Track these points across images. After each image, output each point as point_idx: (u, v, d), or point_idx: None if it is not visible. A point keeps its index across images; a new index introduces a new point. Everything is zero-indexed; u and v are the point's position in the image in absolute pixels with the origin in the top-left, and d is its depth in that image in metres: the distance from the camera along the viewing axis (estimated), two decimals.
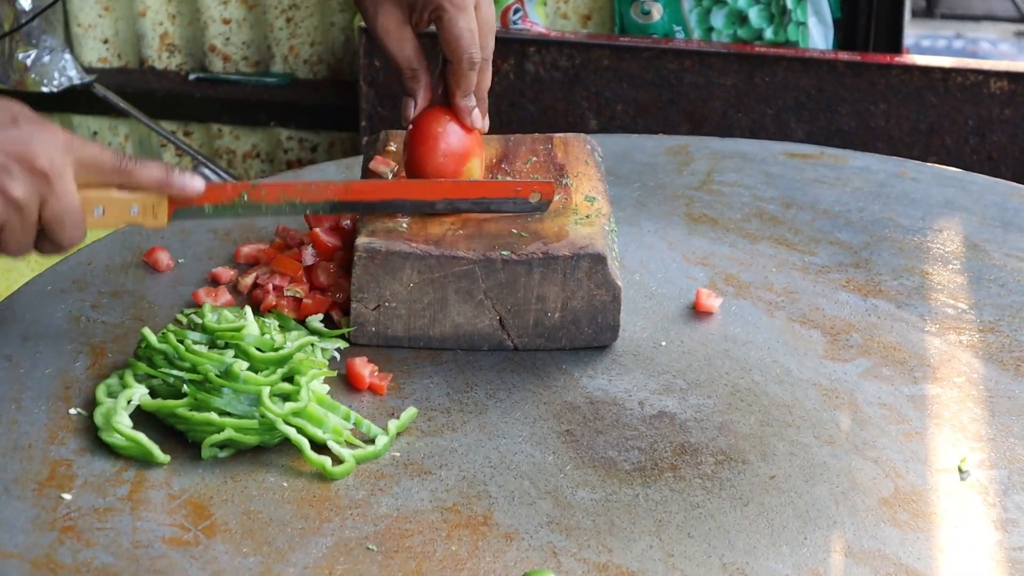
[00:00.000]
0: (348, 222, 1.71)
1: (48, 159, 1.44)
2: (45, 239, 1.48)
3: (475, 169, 1.66)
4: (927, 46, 4.38)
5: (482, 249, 1.57)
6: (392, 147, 1.76)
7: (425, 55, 1.69)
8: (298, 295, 1.64)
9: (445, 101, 1.68)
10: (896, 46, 3.08)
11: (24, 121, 1.45)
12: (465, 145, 1.66)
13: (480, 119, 1.68)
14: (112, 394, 1.48)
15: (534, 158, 1.75)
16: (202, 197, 1.58)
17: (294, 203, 1.62)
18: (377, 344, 1.60)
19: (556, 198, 1.66)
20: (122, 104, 3.51)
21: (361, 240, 1.58)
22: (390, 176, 1.70)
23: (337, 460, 1.41)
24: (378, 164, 1.72)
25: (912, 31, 4.29)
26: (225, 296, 1.68)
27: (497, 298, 1.58)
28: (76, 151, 1.48)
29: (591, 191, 1.69)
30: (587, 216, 1.63)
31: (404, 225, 1.60)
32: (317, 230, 1.70)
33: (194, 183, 1.57)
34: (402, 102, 1.69)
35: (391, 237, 1.58)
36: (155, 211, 1.56)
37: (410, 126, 1.67)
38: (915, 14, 4.51)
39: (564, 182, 1.70)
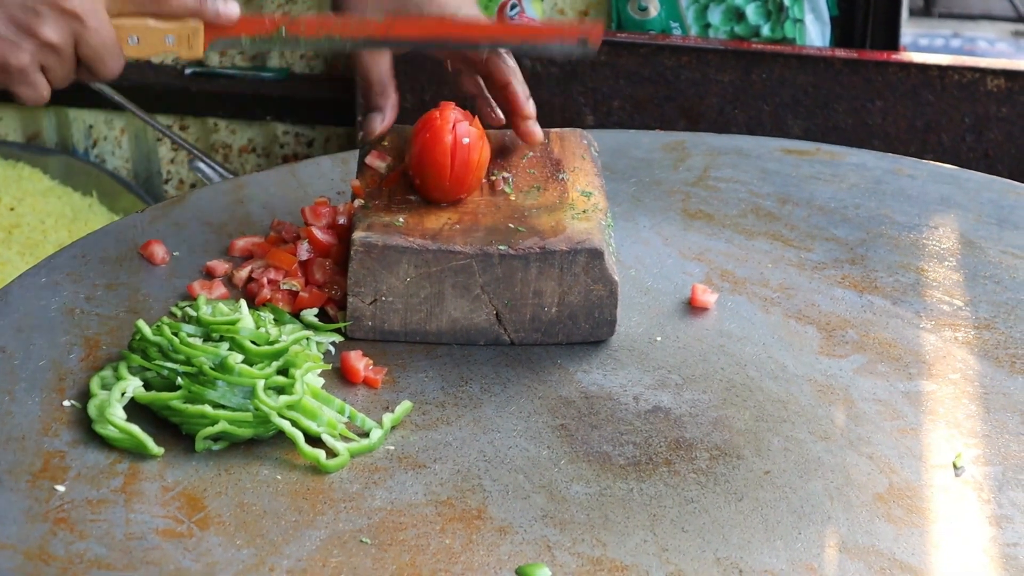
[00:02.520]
0: (344, 219, 1.70)
1: None
2: (84, 70, 1.50)
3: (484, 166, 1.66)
4: (925, 45, 4.37)
5: (479, 243, 1.57)
6: (387, 142, 1.76)
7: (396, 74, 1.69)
8: (294, 288, 1.64)
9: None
10: (893, 43, 3.07)
11: None
12: (477, 147, 1.65)
13: (532, 106, 1.69)
14: (106, 386, 1.47)
15: (530, 153, 1.75)
16: (239, 28, 1.56)
17: (333, 38, 1.59)
18: (373, 338, 1.60)
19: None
20: (118, 98, 3.50)
21: (358, 234, 1.57)
22: (386, 170, 1.70)
23: (331, 453, 1.40)
24: (374, 159, 1.72)
25: (910, 30, 4.28)
26: (220, 289, 1.67)
27: (494, 293, 1.58)
28: None
29: (588, 186, 1.69)
30: (584, 211, 1.63)
31: (401, 220, 1.60)
32: (312, 227, 1.70)
33: (228, 8, 1.56)
34: (367, 116, 1.71)
35: (388, 231, 1.58)
36: (191, 41, 1.55)
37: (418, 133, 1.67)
38: (913, 13, 4.51)
39: (560, 177, 1.70)
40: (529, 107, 1.69)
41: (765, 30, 3.09)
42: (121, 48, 1.50)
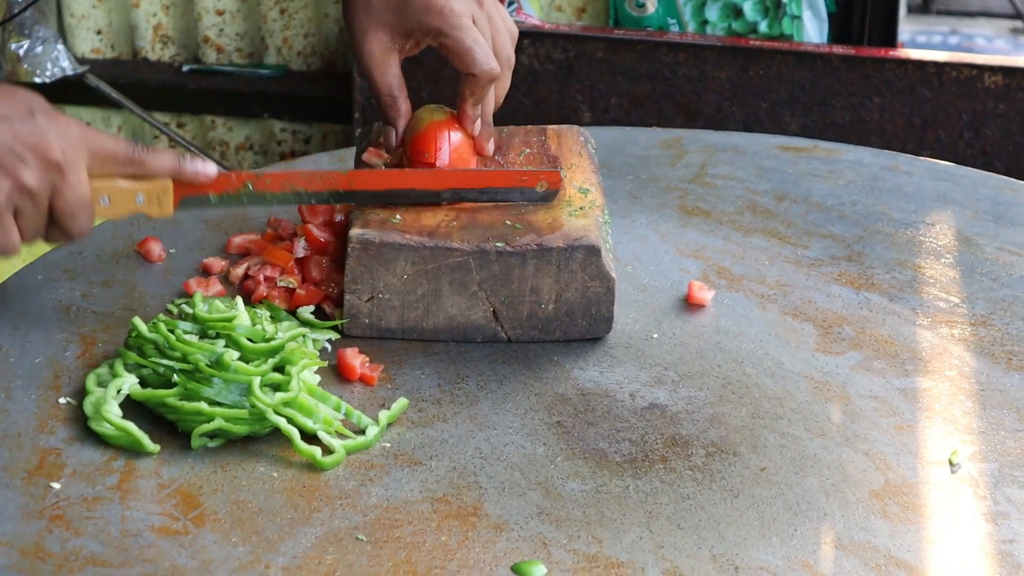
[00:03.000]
0: (341, 216, 1.70)
1: (62, 151, 1.47)
2: (55, 228, 1.52)
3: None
4: (923, 42, 4.38)
5: (476, 240, 1.57)
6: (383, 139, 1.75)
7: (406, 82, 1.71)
8: (291, 285, 1.64)
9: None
10: (890, 40, 3.08)
11: (40, 113, 1.48)
12: (465, 158, 1.66)
13: (479, 128, 1.70)
14: (102, 383, 1.47)
15: (527, 150, 1.75)
16: (207, 187, 1.59)
17: (299, 192, 1.62)
18: (370, 336, 1.60)
19: (561, 163, 1.69)
20: (115, 95, 3.50)
21: (355, 231, 1.57)
22: (382, 167, 1.70)
23: (327, 450, 1.40)
24: (371, 156, 1.72)
25: (908, 27, 4.29)
26: (216, 286, 1.67)
27: (491, 290, 1.58)
28: (91, 143, 1.51)
29: (585, 183, 1.69)
30: (581, 208, 1.63)
31: (398, 216, 1.60)
32: (310, 225, 1.69)
33: (206, 168, 1.58)
34: (383, 130, 1.72)
35: (385, 228, 1.58)
36: (160, 200, 1.57)
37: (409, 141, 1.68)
38: (911, 10, 4.51)
39: (558, 192, 1.70)
40: (470, 126, 1.71)
41: (763, 27, 3.09)
42: (94, 206, 1.53)
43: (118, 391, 1.45)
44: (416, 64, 2.89)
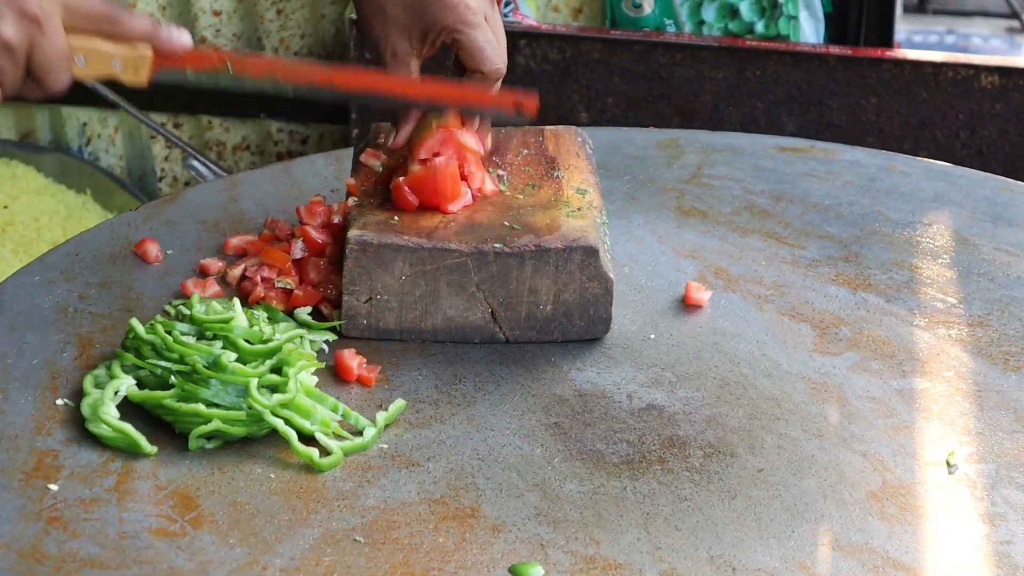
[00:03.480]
0: (339, 218, 1.70)
1: (38, 3, 1.46)
2: (31, 81, 1.51)
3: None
4: (919, 41, 4.38)
5: (474, 242, 1.57)
6: (383, 140, 1.75)
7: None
8: (289, 286, 1.64)
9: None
10: (887, 40, 3.07)
11: None
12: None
13: (478, 123, 1.70)
14: (99, 385, 1.47)
15: (525, 150, 1.75)
16: (185, 60, 1.57)
17: (277, 80, 1.60)
18: (368, 337, 1.60)
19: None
20: (111, 95, 3.49)
21: (353, 232, 1.57)
22: (380, 169, 1.70)
23: (325, 452, 1.40)
24: (368, 157, 1.72)
25: (904, 26, 4.29)
26: (213, 287, 1.67)
27: (489, 291, 1.58)
28: None
29: (582, 183, 1.69)
30: (579, 209, 1.63)
31: (396, 218, 1.60)
32: (307, 226, 1.69)
33: (181, 37, 1.57)
34: (391, 130, 1.72)
35: (383, 230, 1.58)
36: (136, 68, 1.55)
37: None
38: (907, 9, 4.51)
39: (555, 175, 1.70)
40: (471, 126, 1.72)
41: (759, 27, 3.09)
42: (70, 63, 1.52)
43: (115, 392, 1.45)
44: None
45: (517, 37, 3.03)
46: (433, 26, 1.66)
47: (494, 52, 1.66)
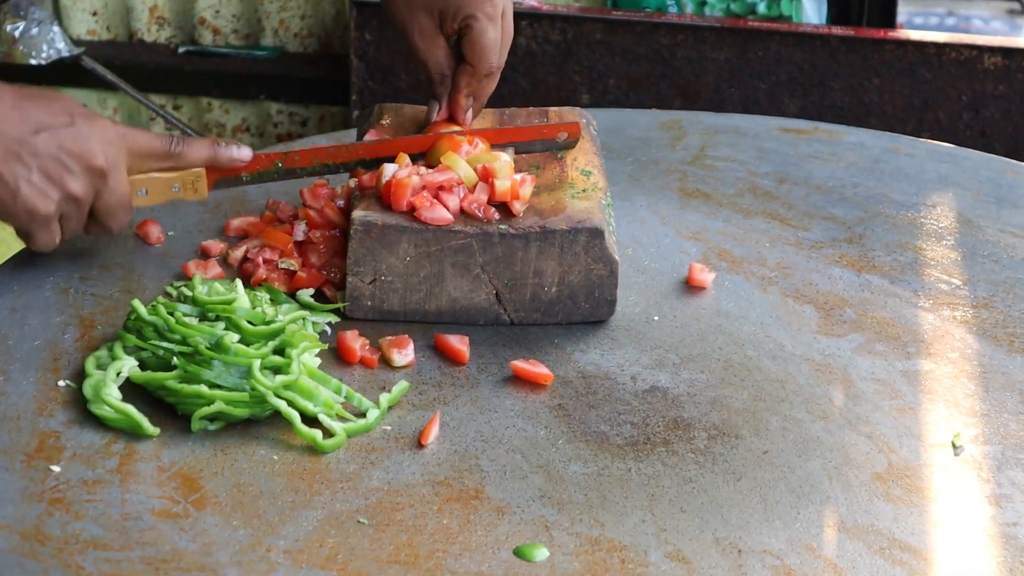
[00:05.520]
0: (342, 201, 1.69)
1: (104, 156, 1.54)
2: (95, 224, 1.59)
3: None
4: (919, 23, 4.37)
5: (479, 223, 1.56)
6: (386, 120, 1.74)
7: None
8: (292, 267, 1.63)
9: None
10: (890, 21, 3.06)
11: (80, 118, 1.54)
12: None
13: (471, 118, 1.75)
14: (101, 366, 1.47)
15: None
16: (239, 168, 1.65)
17: (327, 164, 1.69)
18: (372, 318, 1.59)
19: (560, 155, 1.70)
20: (111, 77, 3.48)
21: (357, 213, 1.56)
22: None
23: (328, 433, 1.40)
24: (372, 138, 1.71)
25: (905, 8, 4.28)
26: (215, 269, 1.67)
27: (494, 272, 1.57)
28: (130, 143, 1.58)
29: (587, 165, 1.68)
30: (584, 190, 1.62)
31: None
32: (310, 208, 1.68)
33: (242, 153, 1.65)
34: (428, 104, 1.75)
35: (387, 211, 1.57)
36: (195, 186, 1.64)
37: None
38: None
39: (560, 156, 1.69)
40: (462, 116, 1.75)
41: (761, 8, 3.08)
42: (131, 202, 1.60)
43: (117, 374, 1.44)
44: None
45: (519, 18, 3.01)
46: (453, 8, 1.69)
47: (495, 52, 1.71)
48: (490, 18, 1.68)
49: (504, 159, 1.62)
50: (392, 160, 1.63)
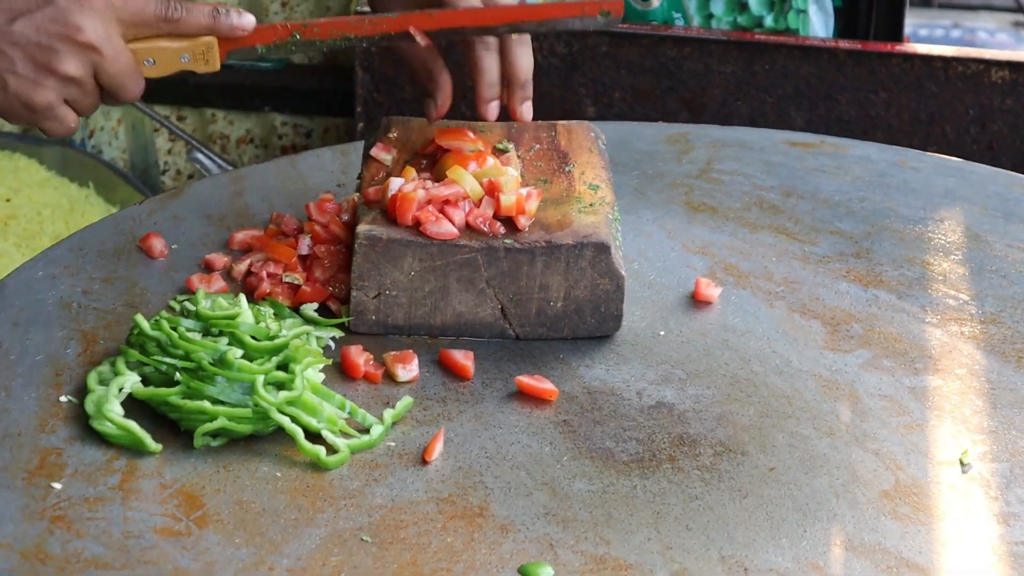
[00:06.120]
0: (346, 216, 1.68)
1: (92, 29, 1.46)
2: (108, 96, 1.53)
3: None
4: (924, 35, 4.36)
5: (484, 237, 1.55)
6: (393, 134, 1.74)
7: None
8: (296, 282, 1.63)
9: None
10: (897, 35, 3.05)
11: None
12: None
13: (495, 111, 1.69)
14: (103, 382, 1.46)
15: (537, 145, 1.73)
16: (254, 37, 1.58)
17: (348, 37, 1.61)
18: (377, 333, 1.58)
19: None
20: None
21: (362, 227, 1.56)
22: (390, 163, 1.68)
23: (331, 450, 1.39)
24: (379, 151, 1.70)
25: (910, 20, 4.26)
26: (219, 283, 1.66)
27: (499, 287, 1.56)
28: (118, 9, 1.50)
29: (595, 179, 1.67)
30: (591, 204, 1.61)
31: None
32: (316, 223, 1.68)
33: (243, 21, 1.58)
34: (423, 102, 1.71)
35: (392, 225, 1.56)
36: (206, 56, 1.57)
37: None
38: (912, 3, 4.49)
39: (567, 170, 1.68)
40: (484, 106, 1.69)
41: (768, 21, 3.07)
42: (139, 71, 1.53)
43: (120, 389, 1.43)
44: None
45: None
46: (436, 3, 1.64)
47: (475, 16, 1.63)
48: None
49: (511, 173, 1.61)
50: (425, 34, 1.59)
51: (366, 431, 1.42)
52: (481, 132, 1.70)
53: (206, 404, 1.39)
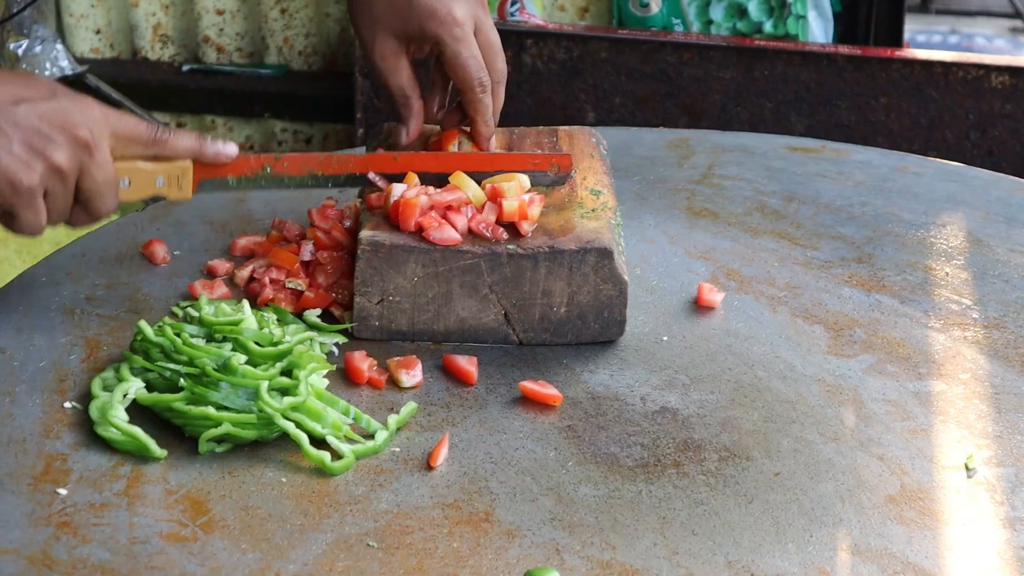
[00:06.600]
0: (349, 222, 1.69)
1: (88, 130, 1.48)
2: (80, 209, 1.53)
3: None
4: (922, 41, 4.36)
5: (487, 242, 1.55)
6: (395, 138, 1.73)
7: (419, 81, 1.72)
8: (300, 287, 1.62)
9: (458, 123, 1.73)
10: (896, 40, 3.06)
11: (61, 93, 1.49)
12: None
13: (493, 142, 1.72)
14: (108, 388, 1.46)
15: (539, 151, 1.73)
16: (226, 169, 1.61)
17: (316, 175, 1.65)
18: (380, 338, 1.58)
19: (573, 166, 1.69)
20: (115, 95, 3.48)
21: (365, 233, 1.56)
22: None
23: (336, 455, 1.39)
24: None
25: (907, 26, 4.27)
26: (221, 289, 1.66)
27: (502, 292, 1.56)
28: (112, 123, 1.52)
29: (597, 185, 1.67)
30: (593, 210, 1.61)
31: None
32: (318, 229, 1.68)
33: (227, 149, 1.60)
34: (394, 129, 1.73)
35: (395, 230, 1.56)
36: (180, 183, 1.59)
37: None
38: (910, 9, 4.50)
39: (571, 175, 1.69)
40: (486, 144, 1.72)
41: (768, 27, 3.07)
42: (117, 188, 1.54)
43: (124, 395, 1.43)
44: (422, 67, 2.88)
45: (524, 36, 3.02)
46: (418, 34, 1.67)
47: (478, 68, 1.67)
48: (458, 39, 1.66)
49: (521, 178, 1.61)
50: (389, 176, 1.62)
51: (371, 437, 1.42)
52: None
53: (210, 410, 1.39)
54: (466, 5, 1.67)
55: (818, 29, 3.06)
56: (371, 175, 1.65)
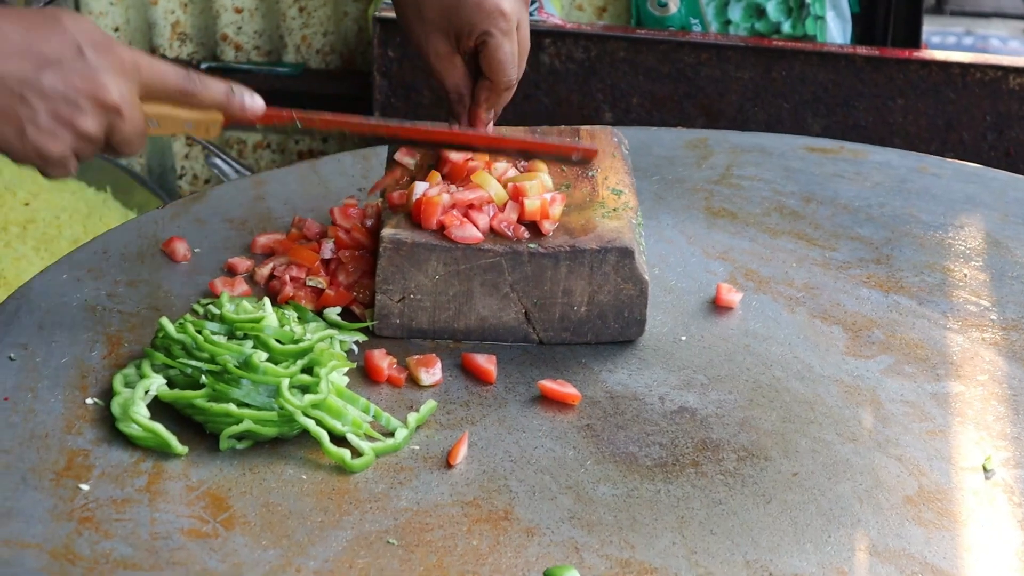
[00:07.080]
0: (371, 221, 1.69)
1: (118, 91, 1.46)
2: (109, 150, 1.52)
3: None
4: (937, 42, 4.35)
5: (508, 241, 1.56)
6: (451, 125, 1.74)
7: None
8: (320, 285, 1.63)
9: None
10: (914, 41, 3.06)
11: (89, 48, 1.45)
12: None
13: (491, 131, 1.73)
14: (129, 384, 1.47)
15: None
16: (255, 121, 1.60)
17: (344, 132, 1.65)
18: (401, 336, 1.59)
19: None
20: None
21: (387, 231, 1.56)
22: (413, 167, 1.69)
23: (356, 453, 1.39)
24: (403, 155, 1.71)
25: (923, 27, 4.27)
26: (242, 286, 1.66)
27: (523, 291, 1.57)
28: (144, 73, 1.50)
29: (618, 184, 1.68)
30: (614, 209, 1.62)
31: None
32: (339, 228, 1.68)
33: (254, 103, 1.59)
34: (449, 124, 1.73)
35: (417, 228, 1.57)
36: (208, 127, 1.58)
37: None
38: (925, 10, 4.49)
39: (590, 175, 1.69)
40: (493, 101, 1.73)
41: (786, 27, 3.07)
42: (146, 131, 1.54)
43: (146, 392, 1.44)
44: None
45: (542, 36, 3.02)
46: (467, 27, 1.67)
47: (512, 65, 1.68)
48: (505, 33, 1.67)
49: (542, 177, 1.62)
50: (411, 143, 1.64)
51: (390, 434, 1.43)
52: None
53: (231, 407, 1.40)
54: (512, 4, 1.68)
55: (836, 30, 3.06)
56: (398, 156, 1.68)
